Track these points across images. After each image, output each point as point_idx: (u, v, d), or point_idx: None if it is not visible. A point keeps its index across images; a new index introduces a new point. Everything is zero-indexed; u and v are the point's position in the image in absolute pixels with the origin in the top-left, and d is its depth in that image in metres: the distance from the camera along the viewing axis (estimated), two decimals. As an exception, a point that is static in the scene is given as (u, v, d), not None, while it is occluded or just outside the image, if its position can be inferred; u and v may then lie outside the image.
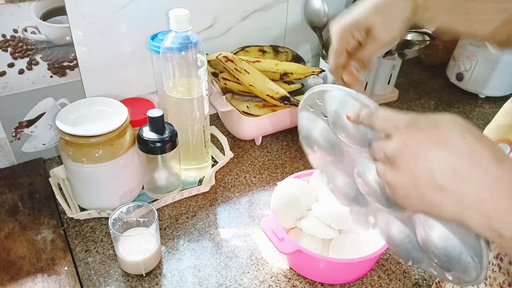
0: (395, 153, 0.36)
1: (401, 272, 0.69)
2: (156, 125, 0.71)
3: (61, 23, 0.76)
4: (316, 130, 0.55)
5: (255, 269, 0.68)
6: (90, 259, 0.69)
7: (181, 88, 0.74)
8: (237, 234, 0.74)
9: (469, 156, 0.33)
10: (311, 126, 0.56)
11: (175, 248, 0.71)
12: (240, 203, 0.80)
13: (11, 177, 0.82)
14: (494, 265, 0.45)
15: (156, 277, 0.67)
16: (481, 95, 1.15)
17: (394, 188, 0.37)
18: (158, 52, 0.75)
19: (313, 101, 0.53)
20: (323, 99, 0.50)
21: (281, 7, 0.99)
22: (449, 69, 1.20)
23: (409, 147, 0.35)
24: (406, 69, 1.27)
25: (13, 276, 0.64)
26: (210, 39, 0.93)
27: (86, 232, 0.73)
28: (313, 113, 0.55)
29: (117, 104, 0.72)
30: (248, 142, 0.96)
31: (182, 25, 0.69)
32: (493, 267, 0.45)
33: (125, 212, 0.67)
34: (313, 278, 0.67)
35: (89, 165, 0.68)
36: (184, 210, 0.79)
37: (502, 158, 0.33)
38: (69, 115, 0.69)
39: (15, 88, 0.78)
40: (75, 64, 0.81)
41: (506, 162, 0.32)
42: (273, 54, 0.98)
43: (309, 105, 0.54)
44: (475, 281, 0.41)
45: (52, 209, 0.76)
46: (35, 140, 0.85)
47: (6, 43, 0.73)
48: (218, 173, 0.87)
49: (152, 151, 0.72)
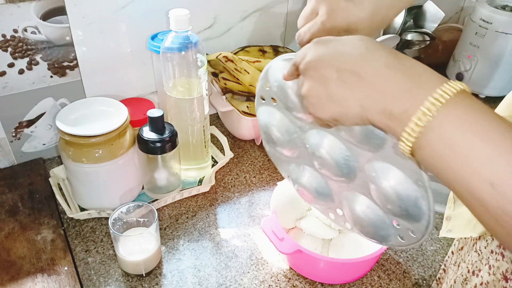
0: (308, 65, 0.40)
1: (401, 272, 0.69)
2: (156, 125, 0.71)
3: (61, 23, 0.76)
4: (274, 121, 0.55)
5: (255, 269, 0.68)
6: (90, 259, 0.69)
7: (181, 88, 0.74)
8: (237, 234, 0.74)
9: (364, 57, 0.37)
10: (268, 119, 0.55)
11: (175, 248, 0.71)
12: (240, 203, 0.80)
13: (11, 177, 0.82)
14: (497, 254, 0.45)
15: (156, 277, 0.67)
16: (481, 95, 1.15)
17: (308, 97, 0.41)
18: (158, 52, 0.75)
19: (263, 90, 0.52)
20: (268, 79, 0.50)
21: (281, 7, 0.99)
22: (449, 69, 1.20)
23: (317, 57, 0.40)
24: (406, 69, 1.27)
25: (13, 276, 0.64)
26: (210, 39, 0.93)
27: (86, 232, 0.73)
28: (266, 104, 0.54)
29: (117, 104, 0.72)
30: (248, 142, 0.96)
31: (182, 25, 0.69)
32: (497, 256, 0.45)
33: (125, 212, 0.67)
34: (313, 278, 0.67)
35: (89, 165, 0.68)
36: (184, 210, 0.79)
37: (394, 56, 0.37)
38: (69, 115, 0.69)
39: (15, 88, 0.78)
40: (75, 64, 0.81)
41: (397, 57, 0.37)
42: (273, 54, 0.98)
43: (261, 96, 0.53)
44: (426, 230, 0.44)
45: (52, 209, 0.76)
46: (35, 140, 0.85)
47: (6, 43, 0.73)
48: (218, 173, 0.87)
49: (152, 151, 0.72)
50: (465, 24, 1.16)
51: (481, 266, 0.47)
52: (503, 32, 1.03)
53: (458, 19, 1.35)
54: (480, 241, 0.49)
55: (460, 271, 0.51)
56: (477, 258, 0.48)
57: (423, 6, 1.01)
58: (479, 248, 0.48)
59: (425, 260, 0.71)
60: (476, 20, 1.07)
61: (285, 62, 0.47)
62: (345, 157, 0.49)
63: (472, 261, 0.49)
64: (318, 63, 0.39)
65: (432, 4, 1.00)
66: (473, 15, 1.09)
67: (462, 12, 1.34)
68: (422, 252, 0.73)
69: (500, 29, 1.03)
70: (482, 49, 1.08)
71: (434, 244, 0.74)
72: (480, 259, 0.47)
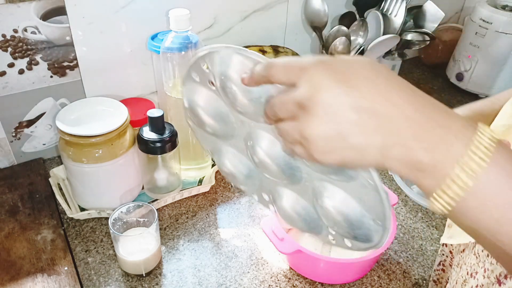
0: (309, 97, 0.31)
1: (401, 272, 0.69)
2: (156, 125, 0.71)
3: (61, 23, 0.76)
4: (201, 100, 0.47)
5: (255, 269, 0.68)
6: (90, 259, 0.69)
7: (181, 88, 0.74)
8: (237, 234, 0.74)
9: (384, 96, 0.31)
10: (196, 97, 0.48)
11: (175, 248, 0.71)
12: (240, 203, 0.80)
13: (11, 177, 0.82)
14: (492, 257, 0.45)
15: (156, 277, 0.67)
16: (481, 95, 1.15)
17: (314, 141, 0.32)
18: (158, 52, 0.75)
19: (199, 69, 0.44)
20: (212, 63, 0.42)
21: (281, 7, 0.99)
22: (449, 69, 1.20)
23: (325, 86, 0.30)
24: (406, 69, 1.27)
25: (13, 276, 0.64)
26: (210, 39, 0.93)
27: (86, 232, 0.73)
28: (199, 84, 0.46)
29: (117, 104, 0.72)
30: (248, 142, 0.96)
31: (182, 25, 0.69)
32: (492, 260, 0.45)
33: (125, 212, 0.67)
34: (313, 278, 0.67)
35: (89, 165, 0.68)
36: (184, 210, 0.79)
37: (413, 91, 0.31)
38: (69, 115, 0.69)
39: (15, 88, 0.78)
40: (75, 64, 0.81)
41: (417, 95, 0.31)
42: (273, 54, 0.98)
43: (195, 73, 0.45)
44: (377, 245, 0.40)
45: (52, 209, 0.76)
46: (35, 140, 0.85)
47: (6, 43, 0.73)
48: (218, 173, 0.87)
49: (152, 151, 0.72)
50: (465, 24, 1.16)
51: (478, 269, 0.47)
52: (503, 32, 1.03)
53: (458, 19, 1.35)
54: (478, 245, 0.49)
55: (461, 272, 0.52)
56: (475, 261, 0.48)
57: (423, 6, 1.01)
58: (477, 252, 0.48)
59: (425, 260, 0.71)
60: (476, 20, 1.07)
61: (242, 58, 0.38)
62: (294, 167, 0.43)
63: (471, 263, 0.49)
64: (328, 97, 0.30)
65: (432, 4, 1.00)
66: (473, 15, 1.09)
67: (462, 12, 1.34)
68: (422, 252, 0.73)
69: (500, 29, 1.03)
70: (482, 49, 1.08)
71: (434, 244, 0.74)
72: (477, 262, 0.48)
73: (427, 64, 1.31)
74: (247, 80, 0.37)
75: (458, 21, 1.35)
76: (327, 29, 1.00)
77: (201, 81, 0.45)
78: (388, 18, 1.00)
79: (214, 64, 0.42)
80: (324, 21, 0.98)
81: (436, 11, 1.00)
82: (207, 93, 0.46)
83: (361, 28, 0.99)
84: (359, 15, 1.03)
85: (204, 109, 0.48)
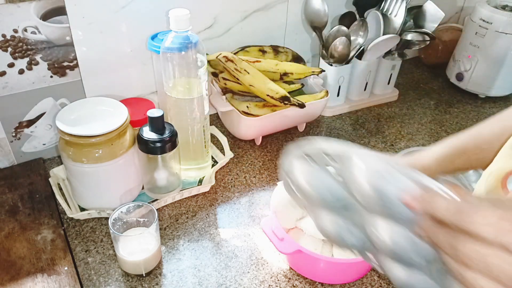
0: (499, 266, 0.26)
1: (401, 272, 0.69)
2: (156, 125, 0.71)
3: (61, 23, 0.76)
4: (324, 187, 0.41)
5: (255, 269, 0.68)
6: (90, 259, 0.69)
7: (181, 88, 0.74)
8: (237, 234, 0.74)
9: None
10: (317, 183, 0.41)
11: (175, 248, 0.71)
12: (240, 203, 0.81)
13: (11, 177, 0.82)
14: None
15: (156, 277, 0.67)
16: (481, 95, 1.15)
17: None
18: (158, 52, 0.75)
19: (319, 157, 0.41)
20: (342, 163, 0.38)
21: (281, 7, 0.99)
22: (449, 69, 1.20)
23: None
24: (406, 69, 1.27)
25: (13, 276, 0.64)
26: (210, 39, 0.93)
27: (86, 232, 0.73)
28: (314, 164, 0.42)
29: (117, 104, 0.72)
30: (248, 142, 0.96)
31: (182, 25, 0.69)
32: None
33: (125, 212, 0.67)
34: (313, 278, 0.67)
35: (89, 165, 0.68)
36: (184, 210, 0.79)
37: None
38: (69, 115, 0.69)
39: (15, 88, 0.78)
40: (75, 64, 0.81)
41: None
42: (273, 54, 0.98)
43: (310, 157, 0.42)
44: None
45: (52, 209, 0.76)
46: (35, 140, 0.85)
47: (6, 43, 0.73)
48: (218, 173, 0.87)
49: (152, 151, 0.72)
50: (465, 24, 1.16)
51: None
52: (503, 32, 1.03)
53: (458, 19, 1.35)
54: None
55: None
56: None
57: (423, 6, 1.01)
58: None
59: (425, 260, 0.71)
60: (476, 20, 1.07)
61: (400, 175, 0.33)
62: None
63: None
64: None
65: (432, 4, 1.00)
66: (473, 15, 1.09)
67: (462, 12, 1.34)
68: (422, 252, 0.73)
69: (500, 29, 1.03)
70: (482, 49, 1.08)
71: (434, 244, 0.74)
72: None
73: (427, 64, 1.31)
74: (418, 206, 0.31)
75: (458, 21, 1.35)
76: (327, 29, 1.00)
77: (319, 164, 0.42)
78: (388, 18, 1.00)
79: (347, 168, 0.37)
80: (324, 21, 0.98)
81: (436, 11, 1.00)
82: (327, 177, 0.41)
83: (361, 28, 0.99)
84: (359, 15, 1.03)
85: (327, 191, 0.41)
